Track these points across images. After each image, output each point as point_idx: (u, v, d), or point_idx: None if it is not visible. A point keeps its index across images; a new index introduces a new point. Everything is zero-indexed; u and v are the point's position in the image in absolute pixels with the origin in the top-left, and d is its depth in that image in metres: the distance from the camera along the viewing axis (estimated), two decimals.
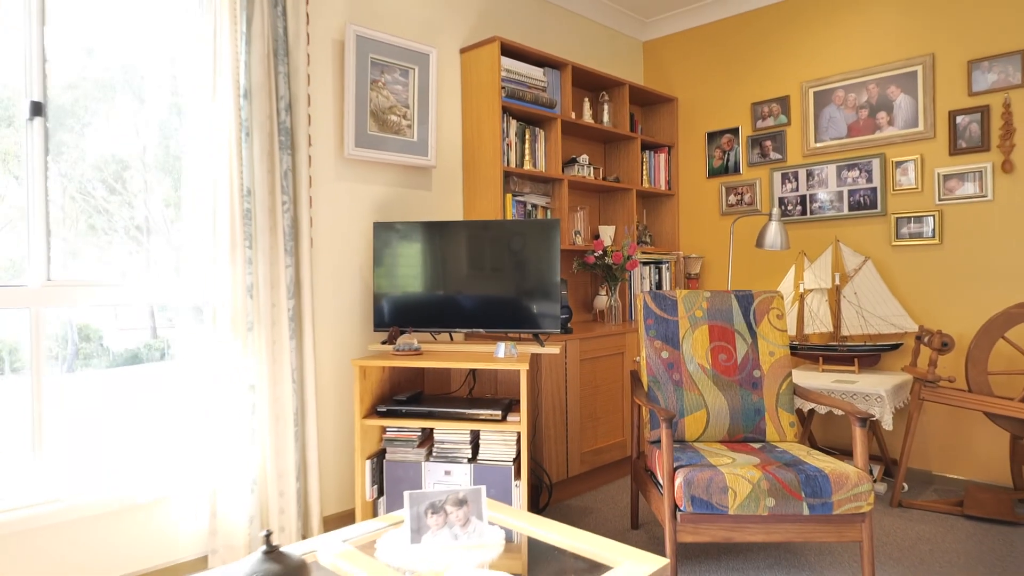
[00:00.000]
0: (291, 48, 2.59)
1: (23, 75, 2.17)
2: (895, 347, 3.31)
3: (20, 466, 2.18)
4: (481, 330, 2.76)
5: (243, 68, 2.42)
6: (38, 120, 2.18)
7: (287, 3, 2.56)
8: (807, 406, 3.22)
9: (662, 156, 4.26)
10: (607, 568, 1.42)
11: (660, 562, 1.43)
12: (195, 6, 2.44)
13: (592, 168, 3.84)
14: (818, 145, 3.72)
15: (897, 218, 3.44)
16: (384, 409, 2.50)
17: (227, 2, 2.38)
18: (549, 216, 3.59)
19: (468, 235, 2.78)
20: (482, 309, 2.76)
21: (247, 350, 2.43)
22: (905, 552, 2.55)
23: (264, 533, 1.14)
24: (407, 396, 2.58)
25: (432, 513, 1.51)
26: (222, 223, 2.39)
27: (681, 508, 2.06)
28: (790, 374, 2.61)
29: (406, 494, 1.51)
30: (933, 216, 3.33)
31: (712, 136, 4.18)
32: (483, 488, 1.54)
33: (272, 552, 1.14)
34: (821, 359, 3.48)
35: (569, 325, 3.26)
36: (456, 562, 1.46)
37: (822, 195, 3.70)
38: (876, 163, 3.51)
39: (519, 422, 2.44)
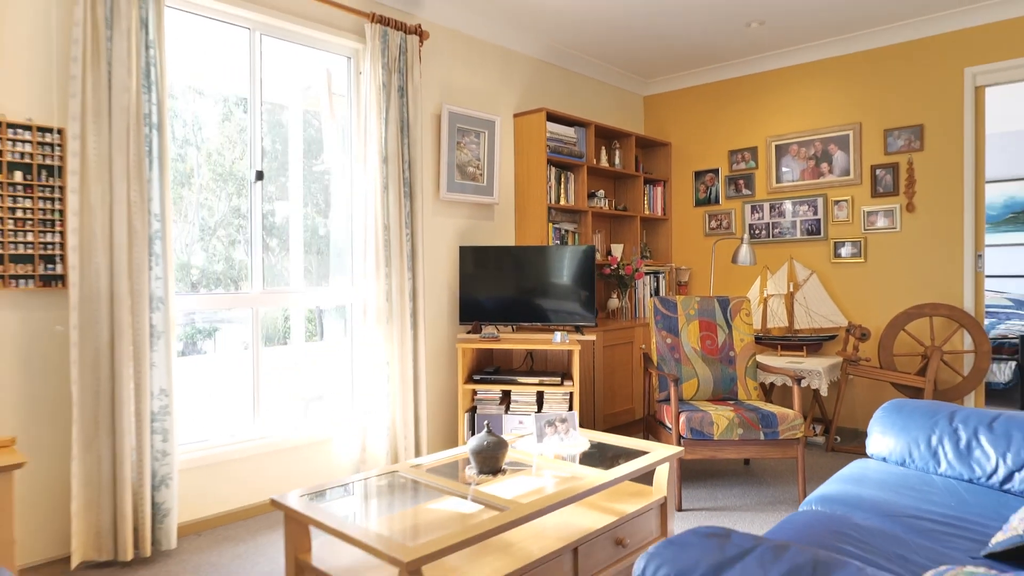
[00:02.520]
0: (411, 125, 3.69)
1: (248, 155, 3.25)
2: (832, 337, 4.51)
3: (245, 413, 3.26)
4: (538, 323, 3.89)
5: (383, 142, 3.53)
6: (258, 183, 3.27)
7: (409, 95, 3.66)
8: (768, 379, 4.41)
9: (659, 189, 5.43)
10: (647, 452, 2.56)
11: (677, 449, 2.57)
12: (346, 104, 3.54)
13: (606, 200, 4.99)
14: (778, 185, 4.91)
15: (835, 242, 4.65)
16: (479, 377, 3.63)
17: (375, 99, 3.48)
18: (577, 237, 4.73)
19: (529, 256, 3.90)
20: (537, 308, 3.89)
21: (385, 337, 3.53)
22: (830, 475, 3.74)
23: (486, 422, 2.25)
24: (493, 369, 3.70)
25: (548, 426, 2.64)
26: (370, 249, 3.49)
27: (684, 436, 3.22)
28: (754, 354, 3.79)
29: (534, 416, 2.64)
30: (860, 242, 4.54)
31: (698, 174, 5.36)
32: (575, 412, 2.67)
33: (490, 433, 2.25)
34: (779, 347, 4.67)
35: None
36: (561, 452, 2.59)
37: (781, 223, 4.90)
38: (820, 201, 4.71)
39: (572, 385, 3.58)
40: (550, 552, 2.02)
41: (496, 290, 3.90)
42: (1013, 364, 5.43)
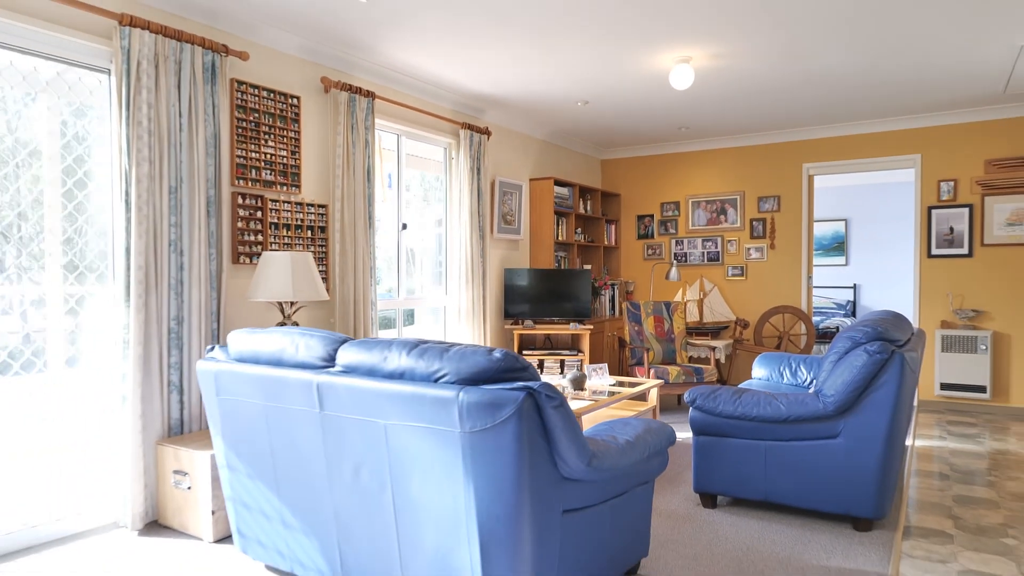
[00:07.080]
0: (481, 191, 5.80)
1: (395, 213, 5.26)
2: (726, 327, 7.10)
3: None
4: (554, 318, 6.13)
5: (470, 203, 5.64)
6: (404, 231, 5.29)
7: (481, 172, 5.78)
8: (691, 353, 6.92)
9: (613, 226, 7.84)
10: (644, 383, 4.88)
11: (658, 381, 4.92)
12: (443, 182, 5.63)
13: (583, 235, 7.33)
14: (692, 228, 7.47)
15: (728, 266, 7.25)
16: (525, 352, 5.82)
17: (466, 177, 5.59)
18: (567, 261, 7.02)
19: (549, 275, 6.13)
20: (552, 308, 6.13)
21: (469, 327, 5.64)
22: None
23: (575, 364, 4.44)
24: (532, 346, 5.92)
25: (593, 371, 4.89)
26: (463, 271, 5.59)
27: None
28: (685, 337, 6.24)
29: (587, 366, 4.87)
30: (743, 267, 7.17)
31: (639, 217, 7.83)
32: (606, 364, 4.95)
33: (579, 370, 4.45)
34: (694, 334, 7.20)
35: None
36: (602, 384, 4.86)
37: (694, 253, 7.45)
38: (720, 239, 7.30)
39: (583, 356, 5.86)
40: None
41: (527, 297, 6.11)
42: None
